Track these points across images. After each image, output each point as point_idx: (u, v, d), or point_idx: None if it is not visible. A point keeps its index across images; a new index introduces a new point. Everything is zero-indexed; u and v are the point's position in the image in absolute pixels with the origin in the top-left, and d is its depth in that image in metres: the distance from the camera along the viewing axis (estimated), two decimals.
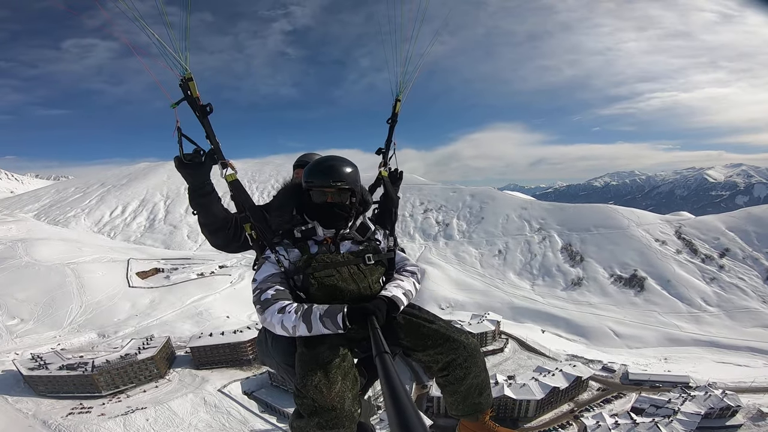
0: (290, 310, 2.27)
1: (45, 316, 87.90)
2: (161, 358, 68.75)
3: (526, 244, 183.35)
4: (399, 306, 2.46)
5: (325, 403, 2.10)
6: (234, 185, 2.65)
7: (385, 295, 2.46)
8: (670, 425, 50.81)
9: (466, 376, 2.55)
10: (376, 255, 2.75)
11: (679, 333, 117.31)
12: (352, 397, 2.21)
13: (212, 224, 2.73)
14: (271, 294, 2.37)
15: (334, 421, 2.10)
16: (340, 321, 2.19)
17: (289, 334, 2.27)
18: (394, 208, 3.23)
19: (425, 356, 2.58)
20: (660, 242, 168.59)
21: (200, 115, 2.48)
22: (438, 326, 2.60)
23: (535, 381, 59.77)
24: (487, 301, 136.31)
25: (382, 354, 1.67)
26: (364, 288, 2.58)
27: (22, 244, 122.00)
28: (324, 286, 2.50)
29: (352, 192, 2.66)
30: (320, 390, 2.12)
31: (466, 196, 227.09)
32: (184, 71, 2.36)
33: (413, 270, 2.90)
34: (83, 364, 63.02)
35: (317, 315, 2.22)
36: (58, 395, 61.54)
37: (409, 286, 2.67)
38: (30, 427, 55.05)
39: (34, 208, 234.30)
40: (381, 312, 2.27)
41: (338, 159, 2.68)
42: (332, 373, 2.19)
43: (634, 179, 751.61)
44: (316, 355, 2.25)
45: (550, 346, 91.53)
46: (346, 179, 2.58)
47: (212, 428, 57.45)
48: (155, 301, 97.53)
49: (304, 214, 2.74)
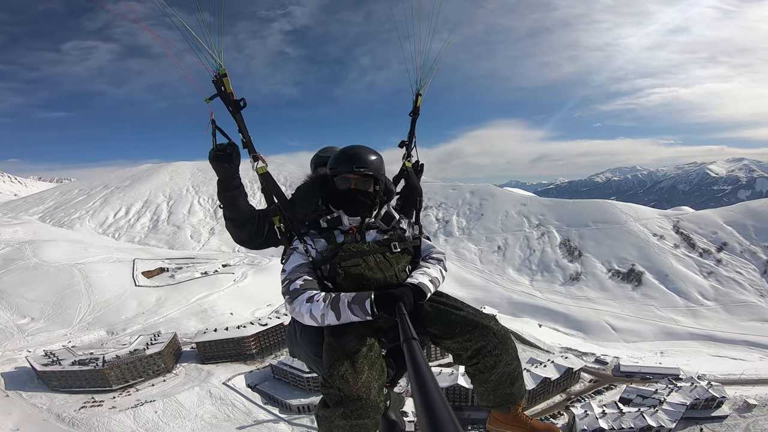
0: (318, 299, 2.29)
1: (55, 315, 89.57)
2: (168, 353, 70.52)
3: (525, 239, 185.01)
4: (426, 293, 2.45)
5: (351, 393, 2.08)
6: (265, 177, 2.71)
7: (412, 282, 2.47)
8: (656, 415, 51.90)
9: (497, 364, 2.49)
10: (402, 243, 2.75)
11: (676, 327, 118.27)
12: (378, 387, 2.20)
13: (238, 218, 2.78)
14: (300, 284, 2.39)
15: (360, 411, 2.08)
16: (368, 307, 2.20)
17: (318, 323, 2.28)
18: (419, 197, 3.25)
19: (454, 344, 2.55)
20: (658, 237, 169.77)
21: (234, 109, 2.55)
22: (466, 313, 2.56)
23: (526, 372, 60.28)
24: (486, 297, 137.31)
25: (409, 340, 1.63)
26: (391, 276, 2.59)
27: (30, 245, 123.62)
28: (351, 275, 2.53)
29: (376, 179, 2.71)
30: (346, 379, 2.11)
31: (465, 193, 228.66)
32: (218, 67, 2.45)
33: (439, 257, 2.91)
34: (94, 360, 64.86)
35: (345, 302, 2.24)
36: (71, 390, 63.22)
37: (436, 273, 2.67)
38: (45, 420, 56.57)
39: (38, 210, 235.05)
40: (408, 298, 2.27)
41: (363, 147, 2.74)
42: (359, 363, 2.19)
43: (635, 174, 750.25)
44: (343, 344, 2.26)
45: (546, 339, 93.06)
46: (370, 166, 2.65)
47: (217, 419, 59.08)
48: (161, 299, 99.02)
49: (329, 204, 2.79)
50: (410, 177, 3.35)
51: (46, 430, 54.45)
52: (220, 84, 2.46)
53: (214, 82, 2.45)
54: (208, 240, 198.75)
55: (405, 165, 3.41)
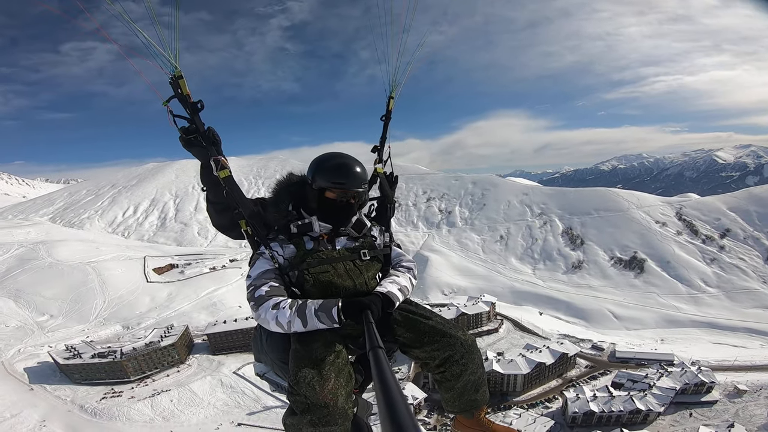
0: (284, 306, 2.25)
1: (72, 312, 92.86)
2: (181, 345, 73.68)
3: (528, 229, 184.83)
4: (394, 302, 2.44)
5: (318, 400, 2.04)
6: (227, 181, 2.57)
7: (380, 290, 2.46)
8: (645, 399, 53.36)
9: (463, 373, 2.52)
10: (372, 251, 2.74)
11: (678, 314, 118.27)
12: (345, 394, 2.15)
13: (220, 203, 2.69)
14: (265, 291, 2.34)
15: (327, 418, 2.03)
16: (335, 315, 2.18)
17: (284, 330, 2.24)
18: (390, 205, 3.19)
19: (422, 352, 2.56)
20: (660, 224, 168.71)
21: (191, 111, 2.48)
22: (435, 322, 2.58)
23: (522, 357, 62.76)
24: (489, 286, 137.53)
25: (375, 348, 1.61)
26: (360, 284, 2.58)
27: (43, 245, 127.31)
28: (319, 282, 2.49)
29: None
30: (313, 387, 2.07)
31: (468, 183, 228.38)
32: (173, 69, 2.38)
33: (409, 266, 2.90)
34: (113, 352, 68.01)
35: (312, 310, 2.21)
36: (92, 382, 66.35)
37: (405, 282, 2.67)
38: (69, 411, 59.61)
39: (48, 211, 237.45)
40: (376, 306, 2.25)
41: (354, 161, 2.69)
42: (326, 370, 2.14)
43: (642, 162, 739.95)
44: (310, 351, 2.22)
45: (545, 326, 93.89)
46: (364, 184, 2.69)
47: (228, 406, 62.17)
48: (172, 295, 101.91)
49: (301, 209, 2.74)
50: (382, 183, 3.25)
51: (71, 420, 57.29)
52: (177, 86, 2.43)
53: (170, 84, 2.42)
54: (215, 236, 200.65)
55: (377, 170, 3.32)
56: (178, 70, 2.39)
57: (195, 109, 2.48)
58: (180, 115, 2.48)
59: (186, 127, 2.51)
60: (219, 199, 2.66)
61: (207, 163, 2.57)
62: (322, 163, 2.67)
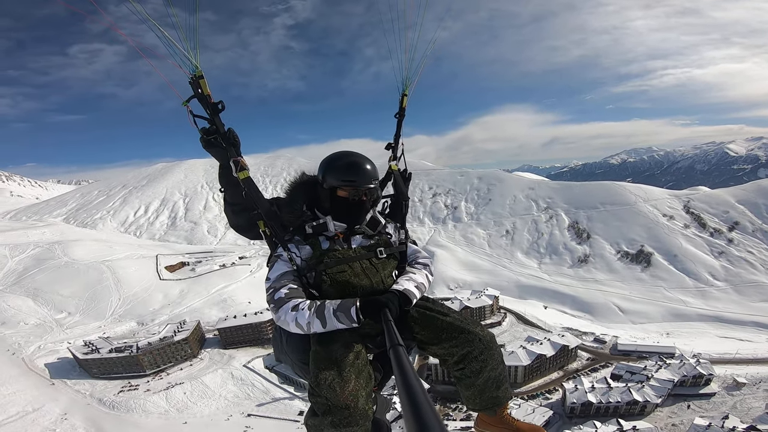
0: (303, 307, 2.26)
1: (89, 309, 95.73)
2: (194, 339, 76.34)
3: (533, 223, 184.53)
4: (411, 299, 2.44)
5: (339, 402, 2.06)
6: (246, 182, 2.58)
7: (397, 288, 2.46)
8: (642, 390, 54.03)
9: (483, 369, 2.49)
10: (388, 248, 2.75)
11: (685, 308, 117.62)
12: (365, 395, 2.18)
13: (238, 204, 2.69)
14: (285, 293, 2.35)
15: (348, 419, 2.06)
16: (353, 314, 2.19)
17: (304, 331, 2.25)
18: (405, 202, 3.16)
19: (440, 349, 2.54)
20: (668, 217, 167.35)
21: (211, 112, 2.47)
22: (452, 318, 2.57)
23: (522, 349, 63.89)
24: (494, 281, 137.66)
25: (396, 346, 1.60)
26: (377, 282, 2.58)
27: (59, 245, 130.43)
28: (336, 282, 2.50)
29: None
30: (333, 388, 2.09)
31: (473, 179, 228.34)
32: (194, 69, 2.37)
33: (426, 262, 2.91)
34: (129, 347, 70.68)
35: (330, 310, 2.22)
36: (109, 376, 69.05)
37: (422, 279, 2.67)
38: (89, 405, 62.21)
39: (62, 212, 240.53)
40: (394, 304, 2.25)
41: (363, 158, 2.71)
42: (346, 371, 2.16)
43: (652, 155, 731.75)
44: (330, 352, 2.24)
45: (549, 320, 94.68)
46: (374, 180, 2.68)
47: (239, 398, 64.57)
48: (184, 291, 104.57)
49: (315, 209, 2.75)
50: (397, 180, 3.24)
51: (91, 413, 59.80)
52: (197, 86, 2.42)
53: (190, 84, 2.41)
54: (225, 234, 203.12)
55: (391, 168, 3.28)
56: (199, 70, 2.41)
57: (216, 109, 2.50)
58: (200, 116, 2.50)
59: (206, 128, 2.53)
60: (237, 200, 2.67)
61: (227, 164, 2.59)
62: (331, 162, 2.69)
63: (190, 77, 2.39)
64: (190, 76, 2.39)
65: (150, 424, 58.60)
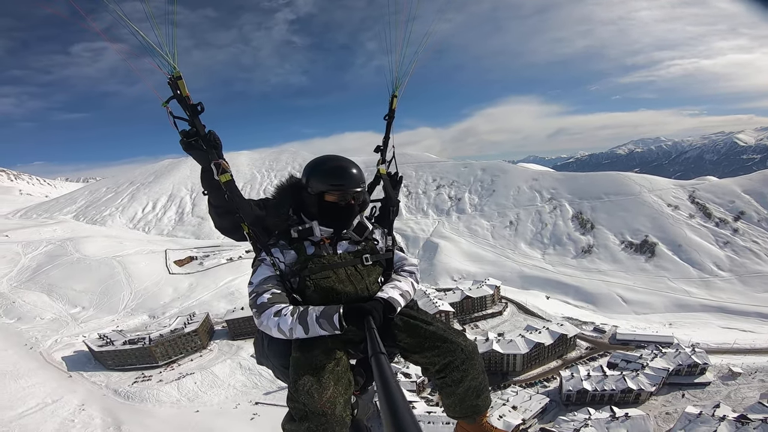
0: (286, 312, 2.27)
1: (102, 303, 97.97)
2: (203, 331, 78.59)
3: (537, 214, 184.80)
4: (396, 307, 2.45)
5: (316, 408, 2.05)
6: (228, 186, 2.53)
7: (382, 296, 2.46)
8: (637, 378, 54.99)
9: (464, 379, 2.50)
10: (374, 255, 2.74)
11: (688, 298, 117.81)
12: (344, 401, 2.17)
13: (221, 206, 2.66)
14: (267, 297, 2.35)
15: (325, 426, 2.04)
16: (336, 321, 2.19)
17: (287, 336, 2.26)
18: (393, 207, 3.09)
19: (422, 358, 2.55)
20: (672, 207, 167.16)
21: (191, 114, 2.43)
22: (436, 328, 2.57)
23: (521, 338, 65.17)
24: (498, 271, 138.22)
25: (377, 354, 1.62)
26: (362, 289, 2.56)
27: (70, 242, 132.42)
28: (320, 288, 2.49)
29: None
30: (311, 395, 2.09)
31: (477, 170, 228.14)
32: (172, 69, 2.33)
33: (411, 270, 2.88)
34: (141, 339, 73.06)
35: (313, 316, 2.22)
36: (123, 368, 71.36)
37: (407, 287, 2.66)
38: (104, 396, 64.50)
39: (71, 209, 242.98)
40: (378, 312, 2.26)
41: (349, 162, 2.66)
42: (325, 378, 2.17)
43: (659, 145, 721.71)
44: (310, 359, 2.25)
45: (550, 310, 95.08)
46: (362, 184, 2.65)
47: (247, 387, 66.72)
48: (193, 285, 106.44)
49: (301, 214, 2.72)
50: (386, 184, 3.15)
51: (107, 404, 61.98)
52: (176, 87, 2.37)
53: (169, 84, 2.36)
54: None
55: (380, 171, 3.19)
56: (177, 70, 2.36)
57: (195, 111, 2.44)
58: (180, 117, 2.45)
59: (186, 130, 2.47)
60: (220, 202, 2.65)
61: (207, 167, 2.54)
62: (317, 167, 2.65)
63: (168, 78, 2.38)
64: (168, 76, 2.37)
65: (163, 413, 60.76)
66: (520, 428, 48.32)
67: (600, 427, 44.12)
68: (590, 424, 44.47)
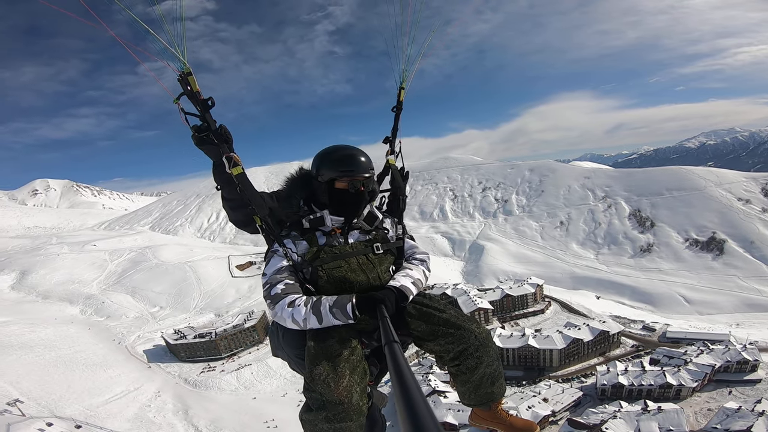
0: (299, 303, 2.28)
1: (176, 303, 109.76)
2: (260, 327, 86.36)
3: (590, 213, 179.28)
4: (408, 296, 2.45)
5: (333, 397, 2.07)
6: (240, 178, 2.56)
7: (394, 285, 2.46)
8: (677, 374, 53.29)
9: (478, 366, 2.48)
10: (385, 244, 2.72)
11: (760, 298, 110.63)
12: (360, 390, 2.19)
13: (234, 200, 2.72)
14: (281, 288, 2.36)
15: (342, 414, 2.07)
16: (349, 311, 2.19)
17: (300, 327, 2.27)
18: (402, 197, 3.10)
19: (436, 346, 2.52)
20: (743, 201, 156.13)
21: (202, 109, 2.46)
22: (449, 315, 2.54)
23: (558, 333, 65.03)
24: (547, 272, 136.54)
25: (391, 343, 1.59)
26: (374, 278, 2.56)
27: (149, 250, 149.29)
28: (333, 278, 2.49)
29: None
30: (328, 384, 2.10)
31: (524, 171, 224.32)
32: (182, 66, 2.37)
33: (423, 258, 2.88)
34: (209, 333, 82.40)
35: (327, 306, 2.23)
36: (193, 359, 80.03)
37: (419, 275, 2.66)
38: (177, 384, 72.85)
39: (148, 221, 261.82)
40: (390, 301, 2.26)
41: (356, 149, 2.67)
42: (340, 367, 2.17)
43: (735, 137, 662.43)
44: (325, 348, 2.25)
45: (597, 309, 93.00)
46: (370, 170, 2.65)
47: (296, 377, 68.55)
48: (252, 287, 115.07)
49: (312, 204, 2.74)
50: (395, 175, 3.16)
51: (178, 391, 70.23)
52: (186, 83, 2.41)
53: (179, 81, 2.41)
54: None
55: (389, 162, 3.21)
56: (187, 66, 2.39)
57: (206, 106, 2.48)
58: (192, 113, 2.49)
59: (198, 126, 2.52)
60: (233, 196, 2.70)
61: (219, 161, 2.57)
62: (326, 156, 2.66)
63: (178, 75, 2.42)
64: (178, 73, 2.42)
65: (224, 399, 68.12)
66: (549, 420, 49.68)
67: (629, 419, 44.22)
68: (619, 416, 44.73)
